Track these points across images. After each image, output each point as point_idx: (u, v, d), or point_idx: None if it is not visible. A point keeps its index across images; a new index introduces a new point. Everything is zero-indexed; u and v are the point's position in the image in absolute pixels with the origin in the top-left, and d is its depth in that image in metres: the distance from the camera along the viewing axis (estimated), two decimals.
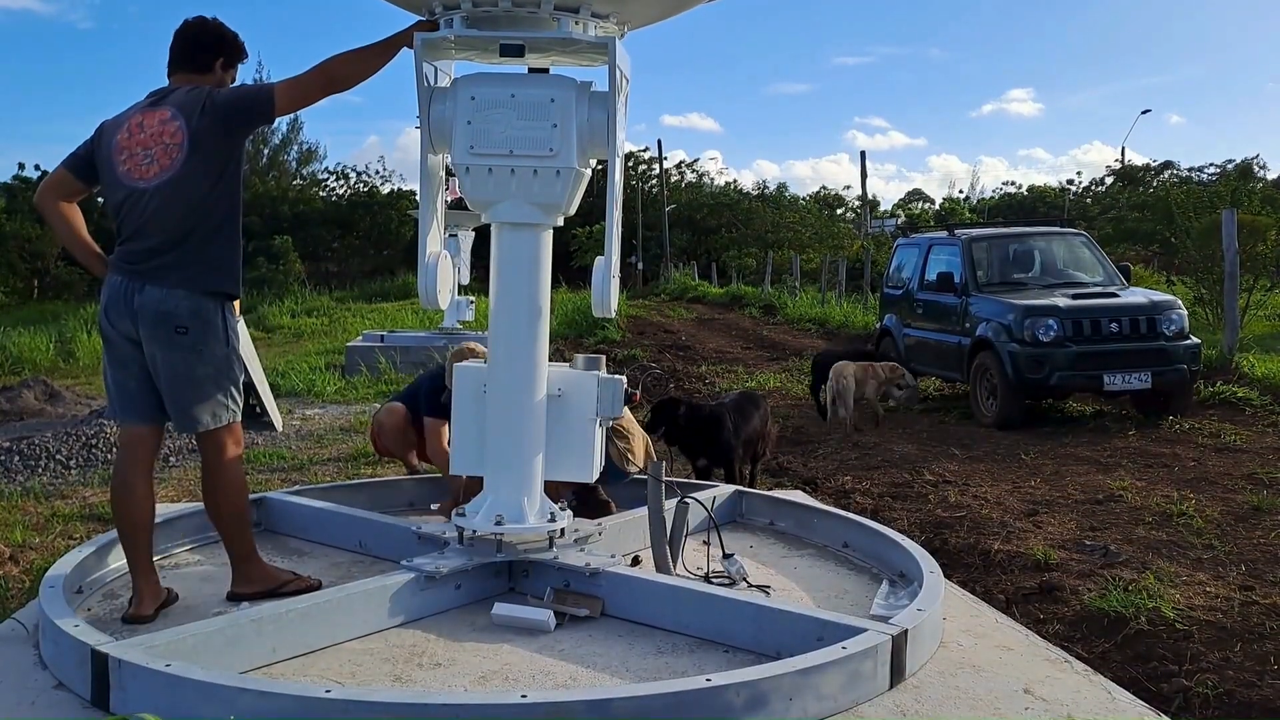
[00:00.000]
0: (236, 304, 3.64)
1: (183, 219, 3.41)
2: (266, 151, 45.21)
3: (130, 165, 3.42)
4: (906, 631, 2.98)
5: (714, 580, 3.73)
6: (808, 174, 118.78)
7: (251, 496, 4.76)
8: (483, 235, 4.51)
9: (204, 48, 3.59)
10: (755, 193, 51.05)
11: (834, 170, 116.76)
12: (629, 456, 4.68)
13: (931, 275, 10.58)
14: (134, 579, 3.48)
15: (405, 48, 3.53)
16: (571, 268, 30.42)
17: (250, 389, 3.96)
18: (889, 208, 58.82)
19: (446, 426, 4.75)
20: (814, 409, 10.18)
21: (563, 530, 3.70)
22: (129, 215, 3.44)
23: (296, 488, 5.32)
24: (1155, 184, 41.61)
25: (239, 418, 3.60)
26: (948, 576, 3.94)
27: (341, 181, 45.38)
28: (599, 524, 4.00)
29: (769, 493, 5.20)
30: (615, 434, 4.57)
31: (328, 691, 2.57)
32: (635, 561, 3.97)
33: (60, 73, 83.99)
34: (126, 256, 3.44)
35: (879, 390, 9.21)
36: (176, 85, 3.54)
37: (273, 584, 3.62)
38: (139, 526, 3.47)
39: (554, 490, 3.94)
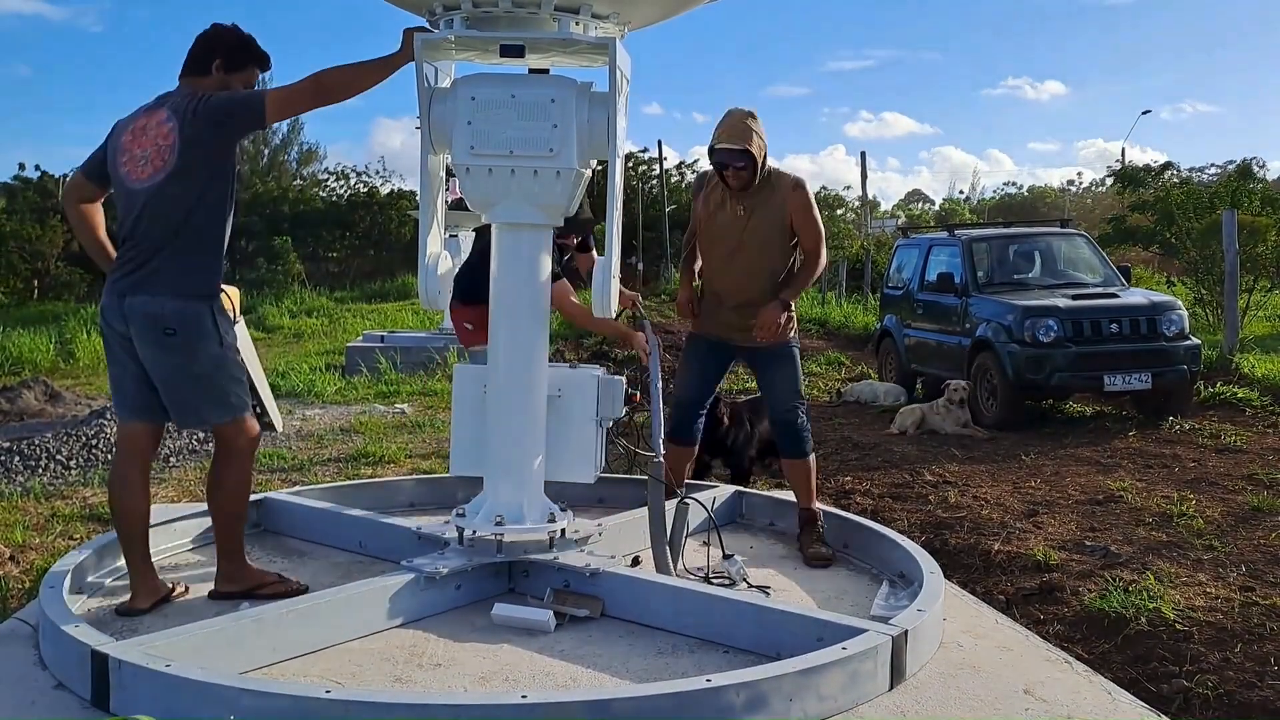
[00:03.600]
0: (236, 297, 3.63)
1: (169, 221, 3.39)
2: (266, 152, 45.17)
3: (130, 167, 3.44)
4: (907, 632, 2.98)
5: (714, 581, 3.73)
6: (808, 168, 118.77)
7: (252, 497, 4.78)
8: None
9: (201, 50, 3.56)
10: None
11: (834, 164, 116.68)
12: None
13: (932, 275, 10.58)
14: (130, 574, 3.54)
15: (408, 62, 3.49)
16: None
17: (251, 390, 3.96)
18: (889, 207, 58.92)
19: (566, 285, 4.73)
20: (812, 408, 10.19)
21: (563, 531, 3.71)
22: (125, 216, 3.47)
23: (296, 488, 5.32)
24: (1155, 185, 41.54)
25: (244, 413, 3.58)
26: (948, 577, 3.94)
27: (341, 181, 45.37)
28: (599, 524, 4.00)
29: (769, 493, 5.20)
30: None
31: (327, 692, 2.57)
32: (635, 562, 3.97)
33: (72, 75, 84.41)
34: (115, 270, 3.47)
35: (946, 418, 8.93)
36: (180, 89, 3.54)
37: (252, 584, 3.64)
38: (134, 522, 3.51)
39: None
